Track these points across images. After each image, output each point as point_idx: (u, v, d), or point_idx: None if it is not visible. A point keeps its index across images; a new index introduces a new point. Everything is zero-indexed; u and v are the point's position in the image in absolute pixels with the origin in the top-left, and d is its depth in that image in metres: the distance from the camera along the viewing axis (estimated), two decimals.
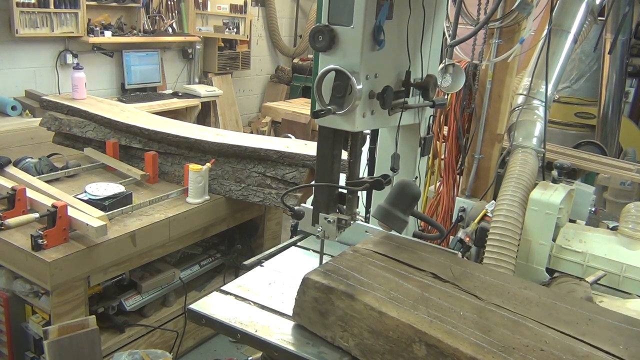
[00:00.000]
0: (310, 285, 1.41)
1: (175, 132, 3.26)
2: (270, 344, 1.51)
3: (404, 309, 1.29)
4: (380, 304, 1.30)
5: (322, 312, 1.38)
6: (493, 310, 1.33)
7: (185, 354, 3.24)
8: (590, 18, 3.14)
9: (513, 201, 2.38)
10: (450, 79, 2.09)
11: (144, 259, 2.81)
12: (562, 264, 2.33)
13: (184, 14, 6.18)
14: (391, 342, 1.25)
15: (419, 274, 1.48)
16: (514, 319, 1.30)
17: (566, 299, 1.43)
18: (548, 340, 1.23)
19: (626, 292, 2.19)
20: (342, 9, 1.55)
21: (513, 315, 1.32)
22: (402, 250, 1.62)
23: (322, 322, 1.39)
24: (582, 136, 4.78)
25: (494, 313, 1.31)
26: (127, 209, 2.80)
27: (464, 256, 2.40)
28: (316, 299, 1.39)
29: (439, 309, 1.30)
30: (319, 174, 1.75)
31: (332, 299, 1.36)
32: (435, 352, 1.18)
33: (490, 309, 1.34)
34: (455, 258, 1.62)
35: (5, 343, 2.64)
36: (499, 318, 1.29)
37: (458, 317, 1.28)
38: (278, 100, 7.28)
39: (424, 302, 1.33)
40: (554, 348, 1.19)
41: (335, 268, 1.47)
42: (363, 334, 1.30)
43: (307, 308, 1.42)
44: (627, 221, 2.37)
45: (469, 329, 1.23)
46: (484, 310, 1.33)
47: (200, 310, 1.68)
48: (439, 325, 1.23)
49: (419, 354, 1.21)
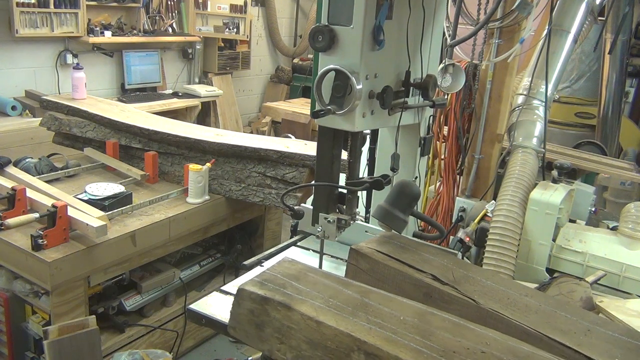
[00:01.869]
0: (245, 297, 1.33)
1: (175, 132, 3.26)
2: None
3: (342, 317, 1.23)
4: (318, 312, 1.24)
5: (258, 324, 1.31)
6: (435, 313, 1.29)
7: (185, 354, 3.23)
8: (590, 18, 3.14)
9: (513, 201, 2.38)
10: (450, 79, 2.09)
11: (144, 259, 2.81)
12: (562, 264, 2.33)
13: (184, 14, 6.18)
14: (329, 352, 1.20)
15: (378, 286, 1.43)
16: (456, 322, 1.26)
17: (567, 308, 1.42)
18: (490, 341, 1.20)
19: (626, 292, 2.19)
20: (342, 9, 1.55)
21: (455, 318, 1.28)
22: (405, 250, 1.61)
23: (259, 335, 1.32)
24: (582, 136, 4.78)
25: (436, 316, 1.28)
26: (127, 209, 2.80)
27: (463, 256, 2.40)
28: (252, 311, 1.32)
29: (378, 315, 1.26)
30: (319, 174, 1.75)
31: (268, 310, 1.29)
32: None
33: (431, 312, 1.29)
34: (459, 261, 1.61)
35: (5, 343, 2.64)
36: (440, 321, 1.26)
37: (398, 322, 1.24)
38: (278, 100, 7.28)
39: (363, 308, 1.28)
40: (495, 349, 1.17)
41: (272, 277, 1.39)
42: (301, 345, 1.24)
43: (243, 321, 1.35)
44: (627, 221, 2.37)
45: (409, 334, 1.20)
46: (425, 314, 1.28)
47: (200, 310, 1.68)
48: (378, 332, 1.19)
49: None
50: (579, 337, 1.28)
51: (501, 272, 2.29)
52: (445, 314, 1.30)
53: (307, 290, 1.34)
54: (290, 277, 1.40)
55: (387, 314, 1.27)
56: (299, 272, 1.43)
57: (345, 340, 1.19)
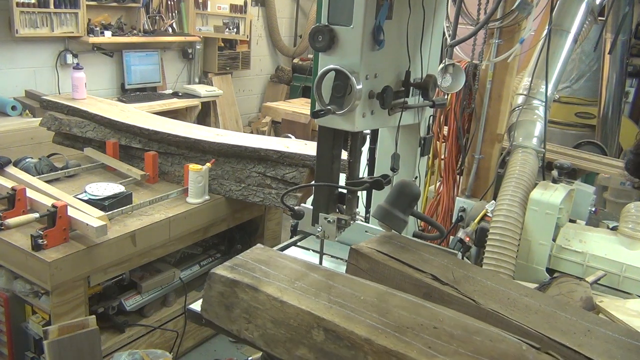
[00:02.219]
0: (216, 280, 1.41)
1: (175, 132, 3.26)
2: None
3: (305, 297, 1.30)
4: (283, 293, 1.32)
5: (227, 305, 1.40)
6: (395, 294, 1.34)
7: (185, 354, 3.23)
8: (590, 18, 3.14)
9: (513, 201, 2.38)
10: (450, 79, 2.09)
11: (144, 259, 2.81)
12: (562, 264, 2.33)
13: (184, 13, 6.18)
14: (292, 329, 1.28)
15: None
16: (414, 301, 1.31)
17: (567, 309, 1.43)
18: (443, 318, 1.25)
19: (626, 292, 2.19)
20: (342, 9, 1.55)
21: (413, 298, 1.33)
22: (405, 250, 1.62)
23: (228, 316, 1.40)
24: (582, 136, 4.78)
25: (395, 297, 1.33)
26: (127, 209, 2.80)
27: (463, 256, 2.40)
28: (222, 294, 1.40)
29: (340, 295, 1.32)
30: (319, 174, 1.75)
31: (236, 292, 1.37)
32: (333, 336, 1.21)
33: (391, 293, 1.35)
34: (459, 261, 1.62)
35: (5, 343, 2.64)
36: (398, 301, 1.31)
37: (358, 301, 1.30)
38: (278, 100, 7.28)
39: (327, 289, 1.35)
40: (447, 325, 1.22)
41: (243, 262, 1.47)
42: (266, 324, 1.32)
43: (214, 303, 1.43)
44: (627, 221, 2.37)
45: (367, 312, 1.25)
46: (385, 294, 1.34)
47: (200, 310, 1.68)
48: (338, 310, 1.25)
49: (317, 339, 1.23)
50: (579, 338, 1.28)
51: (501, 272, 2.29)
52: (404, 294, 1.35)
53: (275, 274, 1.42)
54: (260, 262, 1.47)
55: (349, 294, 1.33)
56: (269, 258, 1.51)
57: (306, 318, 1.26)
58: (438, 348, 1.15)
